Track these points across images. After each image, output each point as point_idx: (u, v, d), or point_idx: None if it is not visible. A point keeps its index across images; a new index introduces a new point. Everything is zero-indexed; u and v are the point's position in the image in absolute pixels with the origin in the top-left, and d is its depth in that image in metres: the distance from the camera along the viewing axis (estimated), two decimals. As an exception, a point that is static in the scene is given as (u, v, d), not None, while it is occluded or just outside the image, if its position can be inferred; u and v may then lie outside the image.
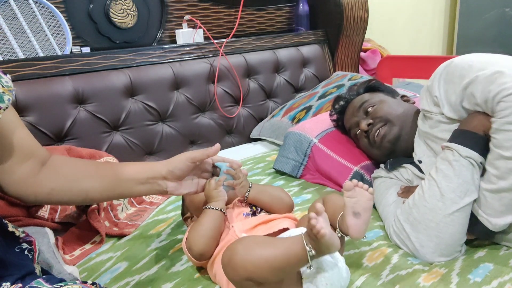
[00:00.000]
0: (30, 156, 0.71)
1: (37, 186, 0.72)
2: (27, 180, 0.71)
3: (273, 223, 0.84)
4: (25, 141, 0.71)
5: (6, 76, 0.67)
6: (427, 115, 0.99)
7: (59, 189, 0.74)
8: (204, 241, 0.79)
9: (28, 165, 0.71)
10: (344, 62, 2.10)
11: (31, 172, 0.71)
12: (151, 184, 0.81)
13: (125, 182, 0.79)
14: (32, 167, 0.71)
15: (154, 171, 0.81)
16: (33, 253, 0.72)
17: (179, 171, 0.82)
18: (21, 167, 0.70)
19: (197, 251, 0.79)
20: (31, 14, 1.33)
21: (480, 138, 0.84)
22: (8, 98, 0.64)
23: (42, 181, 0.72)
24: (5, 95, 0.63)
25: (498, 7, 2.85)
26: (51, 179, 0.73)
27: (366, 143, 1.15)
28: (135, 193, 0.82)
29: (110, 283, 0.84)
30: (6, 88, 0.65)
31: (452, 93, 0.90)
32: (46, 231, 0.95)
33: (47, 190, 0.73)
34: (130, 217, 1.11)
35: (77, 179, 0.75)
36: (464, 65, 0.89)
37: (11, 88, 0.66)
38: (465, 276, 0.79)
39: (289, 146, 1.35)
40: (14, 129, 0.69)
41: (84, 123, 1.33)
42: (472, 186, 0.83)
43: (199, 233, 0.80)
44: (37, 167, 0.72)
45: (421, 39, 2.96)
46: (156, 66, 1.51)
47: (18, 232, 0.73)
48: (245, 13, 1.86)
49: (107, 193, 0.79)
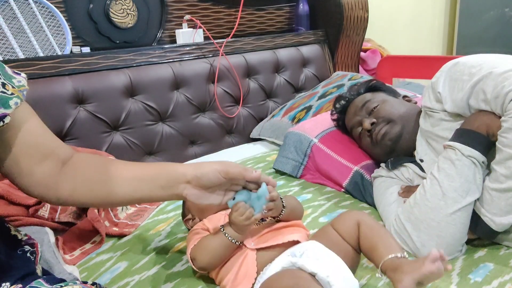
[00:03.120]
0: (48, 155, 0.67)
1: (58, 188, 0.68)
2: (47, 181, 0.67)
3: (283, 232, 0.81)
4: (42, 140, 0.67)
5: (19, 75, 0.64)
6: (428, 113, 0.99)
7: (80, 192, 0.70)
8: (209, 260, 0.77)
9: (47, 165, 0.67)
10: (344, 62, 2.10)
11: (51, 172, 0.67)
12: (172, 187, 0.72)
13: (145, 185, 0.72)
14: (51, 167, 0.67)
15: (177, 173, 0.72)
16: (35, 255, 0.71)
17: (208, 181, 0.72)
18: (39, 168, 0.66)
19: (201, 265, 0.78)
20: (31, 14, 1.33)
21: (483, 138, 0.84)
22: (15, 102, 0.61)
23: (62, 182, 0.68)
24: (12, 98, 0.60)
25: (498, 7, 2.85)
26: (70, 181, 0.69)
27: (369, 142, 1.15)
28: (154, 198, 0.74)
29: (110, 283, 0.84)
30: (17, 88, 0.62)
31: (459, 90, 0.90)
32: (46, 231, 0.95)
33: (68, 192, 0.69)
34: (130, 217, 1.11)
35: (96, 182, 0.71)
36: (474, 64, 0.90)
37: (22, 88, 0.63)
38: (465, 276, 0.79)
39: (289, 146, 1.35)
40: (28, 129, 0.65)
41: (84, 123, 1.33)
42: (474, 186, 0.83)
43: (207, 251, 0.76)
44: (56, 167, 0.68)
45: (421, 39, 2.95)
46: (156, 66, 1.51)
47: (21, 235, 0.72)
48: (245, 13, 1.86)
49: (127, 198, 0.73)
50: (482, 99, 0.85)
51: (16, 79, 0.64)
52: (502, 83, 0.81)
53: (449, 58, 0.98)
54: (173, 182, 0.72)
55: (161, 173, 0.73)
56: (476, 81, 0.87)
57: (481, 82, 0.86)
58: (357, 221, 0.77)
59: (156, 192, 0.72)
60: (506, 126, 0.80)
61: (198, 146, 1.62)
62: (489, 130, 0.84)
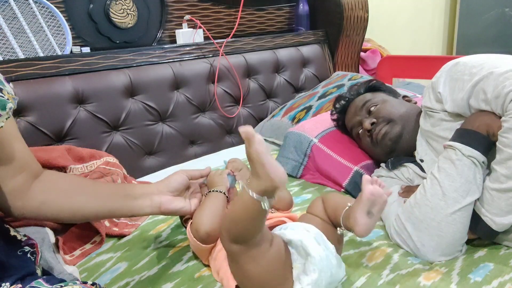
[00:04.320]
0: (24, 169, 0.70)
1: (27, 199, 0.70)
2: (18, 192, 0.70)
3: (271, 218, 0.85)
4: (21, 154, 0.70)
5: (9, 84, 0.66)
6: (429, 113, 0.99)
7: (50, 203, 0.73)
8: (209, 221, 0.80)
9: (21, 177, 0.70)
10: (344, 62, 2.10)
11: (23, 185, 0.70)
12: (144, 199, 0.80)
13: (118, 198, 0.79)
14: (25, 179, 0.70)
15: (149, 187, 0.83)
16: (35, 256, 0.72)
17: (176, 182, 0.85)
18: (13, 180, 0.69)
19: (204, 231, 0.79)
20: (31, 14, 1.33)
21: (483, 138, 0.84)
22: (10, 106, 0.63)
23: (33, 193, 0.71)
24: (8, 102, 0.63)
25: (498, 7, 2.85)
26: (43, 193, 0.72)
27: (369, 142, 1.15)
28: (127, 210, 0.80)
29: (110, 283, 0.84)
30: (11, 95, 0.64)
31: (460, 90, 0.90)
32: (46, 231, 0.95)
33: (37, 204, 0.72)
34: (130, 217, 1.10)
35: (69, 194, 0.74)
36: (475, 64, 0.90)
37: (14, 96, 0.65)
38: (465, 275, 0.79)
39: (289, 146, 1.35)
40: (12, 140, 0.68)
41: (84, 123, 1.33)
42: (474, 186, 0.83)
43: (204, 214, 0.81)
44: (29, 180, 0.71)
45: (421, 39, 2.96)
46: (156, 66, 1.51)
47: (20, 236, 0.73)
48: (245, 13, 1.86)
49: (97, 211, 0.77)
50: (483, 99, 0.85)
51: (7, 87, 0.65)
52: (502, 83, 0.81)
53: (449, 58, 0.98)
54: (146, 195, 0.81)
55: (132, 188, 0.82)
56: (477, 81, 0.87)
57: (481, 82, 0.86)
58: (322, 199, 0.84)
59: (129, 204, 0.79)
60: (506, 126, 0.80)
61: (198, 146, 1.62)
62: (490, 130, 0.84)
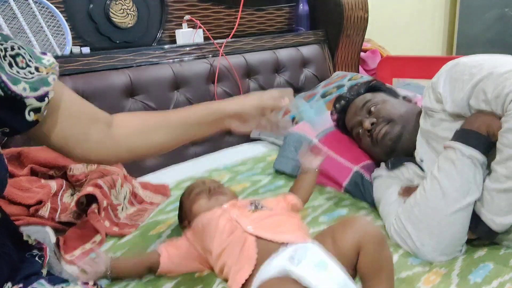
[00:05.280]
0: (94, 120, 0.70)
1: (115, 147, 0.71)
2: (104, 142, 0.70)
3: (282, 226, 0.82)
4: (84, 107, 0.70)
5: (46, 55, 0.66)
6: (429, 113, 0.99)
7: (136, 145, 0.74)
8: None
9: (97, 128, 0.70)
10: (344, 62, 2.10)
11: (104, 134, 0.70)
12: (217, 123, 0.82)
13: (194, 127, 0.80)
14: (101, 129, 0.70)
15: (221, 112, 0.82)
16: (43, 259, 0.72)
17: (248, 116, 0.83)
18: (93, 132, 0.69)
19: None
20: (31, 14, 1.33)
21: (483, 138, 0.84)
22: (53, 77, 0.63)
23: (118, 141, 0.72)
24: (50, 76, 0.62)
25: (498, 7, 2.85)
26: (125, 137, 0.73)
27: (369, 142, 1.15)
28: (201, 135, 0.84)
29: (110, 284, 0.84)
30: (49, 67, 0.64)
31: (460, 90, 0.90)
32: (47, 230, 0.95)
33: (126, 148, 0.73)
34: (130, 217, 1.10)
35: (148, 132, 0.75)
36: (475, 64, 0.90)
37: (54, 65, 0.65)
38: (465, 277, 0.79)
39: (289, 146, 1.35)
40: (68, 100, 0.67)
41: (84, 123, 1.33)
42: (474, 186, 0.83)
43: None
44: (105, 129, 0.71)
45: (421, 39, 2.96)
46: (156, 66, 1.51)
47: (31, 240, 0.73)
48: (245, 13, 1.86)
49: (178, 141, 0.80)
50: (483, 99, 0.85)
51: (45, 59, 0.65)
52: (502, 84, 0.82)
53: (449, 58, 0.98)
54: (219, 119, 0.82)
55: (207, 113, 0.81)
56: (477, 81, 0.87)
57: (481, 82, 0.86)
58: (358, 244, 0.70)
59: (204, 130, 0.83)
60: (506, 126, 0.80)
61: (198, 146, 1.61)
62: (490, 130, 0.84)
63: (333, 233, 0.74)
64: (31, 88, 0.59)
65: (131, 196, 1.16)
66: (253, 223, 0.82)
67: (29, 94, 0.58)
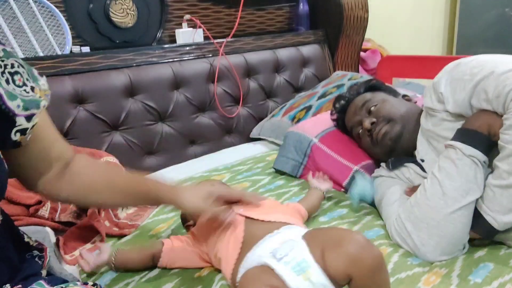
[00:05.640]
0: (58, 158, 0.71)
1: (58, 190, 0.73)
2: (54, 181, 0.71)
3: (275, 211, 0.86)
4: (55, 144, 0.71)
5: (42, 78, 0.66)
6: (430, 113, 0.99)
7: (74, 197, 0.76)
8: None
9: (56, 166, 0.71)
10: (344, 62, 2.10)
11: (57, 173, 0.71)
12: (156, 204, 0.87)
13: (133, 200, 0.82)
14: (58, 168, 0.71)
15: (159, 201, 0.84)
16: (43, 260, 0.72)
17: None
18: (50, 170, 0.70)
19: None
20: (31, 14, 1.33)
21: (484, 137, 0.84)
22: (44, 104, 0.63)
23: (62, 186, 0.73)
24: (42, 101, 0.63)
25: (498, 7, 2.85)
26: (68, 187, 0.73)
27: (369, 142, 1.15)
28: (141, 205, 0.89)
29: (110, 284, 0.84)
30: (43, 92, 0.64)
31: (461, 90, 0.90)
32: (47, 230, 0.94)
33: (65, 196, 0.74)
34: (130, 217, 1.10)
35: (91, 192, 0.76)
36: (476, 64, 0.90)
37: (47, 92, 0.65)
38: (465, 277, 0.79)
39: (289, 146, 1.35)
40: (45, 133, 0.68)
41: (84, 123, 1.33)
42: (474, 185, 0.83)
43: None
44: (61, 168, 0.72)
45: (421, 39, 2.95)
46: (156, 66, 1.51)
47: (32, 242, 0.73)
48: (245, 13, 1.86)
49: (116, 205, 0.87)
50: (484, 99, 0.85)
51: (40, 82, 0.65)
52: (503, 83, 0.82)
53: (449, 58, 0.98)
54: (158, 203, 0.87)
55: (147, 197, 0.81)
56: (478, 81, 0.87)
57: (482, 82, 0.86)
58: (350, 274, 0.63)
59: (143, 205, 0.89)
60: (508, 124, 0.80)
61: (198, 146, 1.61)
62: (491, 129, 0.84)
63: (323, 246, 0.66)
64: (24, 107, 0.59)
65: (131, 196, 1.16)
66: (245, 206, 0.85)
67: (21, 112, 0.59)
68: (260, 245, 0.74)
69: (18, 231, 0.71)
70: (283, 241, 0.72)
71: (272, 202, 0.93)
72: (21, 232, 0.72)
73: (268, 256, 0.70)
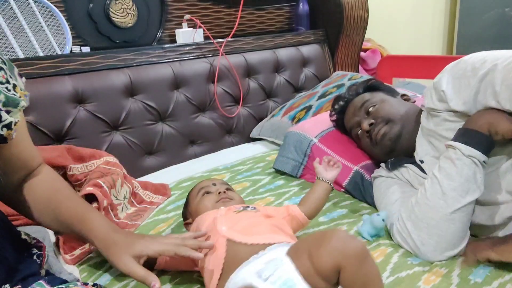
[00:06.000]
0: (25, 166, 0.72)
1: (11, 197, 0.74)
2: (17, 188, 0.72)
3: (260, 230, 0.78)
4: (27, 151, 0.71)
5: (21, 78, 0.66)
6: (432, 113, 0.99)
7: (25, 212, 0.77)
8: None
9: (20, 173, 0.72)
10: (344, 62, 2.10)
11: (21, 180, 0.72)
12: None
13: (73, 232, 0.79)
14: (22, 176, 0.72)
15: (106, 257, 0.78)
16: (42, 258, 0.72)
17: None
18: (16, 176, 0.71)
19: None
20: (31, 14, 1.33)
21: (484, 137, 0.84)
22: (22, 104, 0.63)
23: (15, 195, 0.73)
24: (21, 101, 0.63)
25: (498, 7, 2.85)
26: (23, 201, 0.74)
27: (368, 143, 1.15)
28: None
29: (110, 284, 0.84)
30: (23, 92, 0.64)
31: (466, 87, 0.89)
32: (47, 230, 0.94)
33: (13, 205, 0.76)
34: (130, 217, 1.10)
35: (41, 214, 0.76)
36: (476, 60, 0.90)
37: (26, 93, 0.65)
38: (465, 277, 0.79)
39: (289, 146, 1.35)
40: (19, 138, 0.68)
41: (84, 122, 1.33)
42: (474, 185, 0.83)
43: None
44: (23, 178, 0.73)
45: (421, 39, 2.96)
46: (156, 66, 1.51)
47: (30, 239, 0.74)
48: (245, 12, 1.86)
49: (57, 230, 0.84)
50: (490, 92, 0.85)
51: (20, 83, 0.65)
52: (510, 73, 0.81)
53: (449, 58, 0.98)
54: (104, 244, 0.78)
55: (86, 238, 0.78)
56: (483, 75, 0.86)
57: (488, 76, 0.85)
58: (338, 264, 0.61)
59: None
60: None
61: (198, 146, 1.61)
62: (491, 128, 0.84)
63: (309, 249, 0.65)
64: (4, 104, 0.59)
65: (131, 196, 1.16)
66: (228, 223, 0.79)
67: (1, 107, 0.59)
68: (245, 266, 0.71)
69: (16, 230, 0.71)
70: (268, 260, 0.69)
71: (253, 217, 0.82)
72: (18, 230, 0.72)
73: (253, 276, 0.67)
